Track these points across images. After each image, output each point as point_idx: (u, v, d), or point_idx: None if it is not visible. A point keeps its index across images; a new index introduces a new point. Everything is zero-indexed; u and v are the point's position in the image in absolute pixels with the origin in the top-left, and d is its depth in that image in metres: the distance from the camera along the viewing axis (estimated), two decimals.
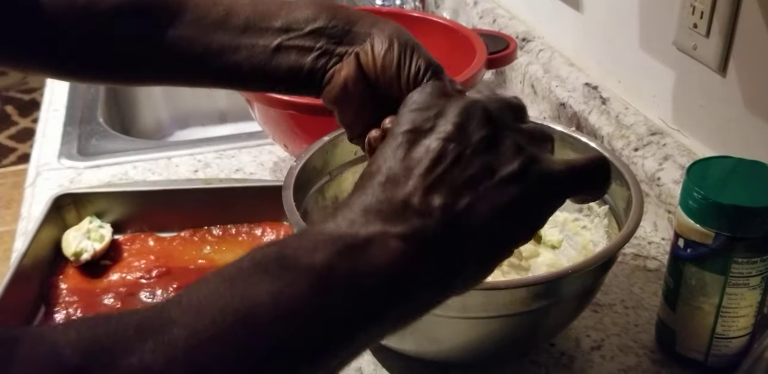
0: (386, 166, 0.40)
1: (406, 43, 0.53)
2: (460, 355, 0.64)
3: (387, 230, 0.38)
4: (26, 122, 2.85)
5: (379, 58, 0.53)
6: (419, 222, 0.38)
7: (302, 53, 0.55)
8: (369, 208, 0.39)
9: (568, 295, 0.59)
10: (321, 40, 0.55)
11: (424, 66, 0.52)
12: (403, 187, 0.39)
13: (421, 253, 0.38)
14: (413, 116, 0.42)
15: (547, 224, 0.73)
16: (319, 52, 0.55)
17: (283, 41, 0.55)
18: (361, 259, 0.37)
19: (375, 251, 0.37)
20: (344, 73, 0.54)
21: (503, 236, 0.41)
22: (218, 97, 1.27)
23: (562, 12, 1.00)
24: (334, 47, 0.55)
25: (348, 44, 0.55)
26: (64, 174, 0.93)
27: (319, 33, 0.55)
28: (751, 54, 0.69)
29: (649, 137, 0.82)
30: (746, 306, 0.60)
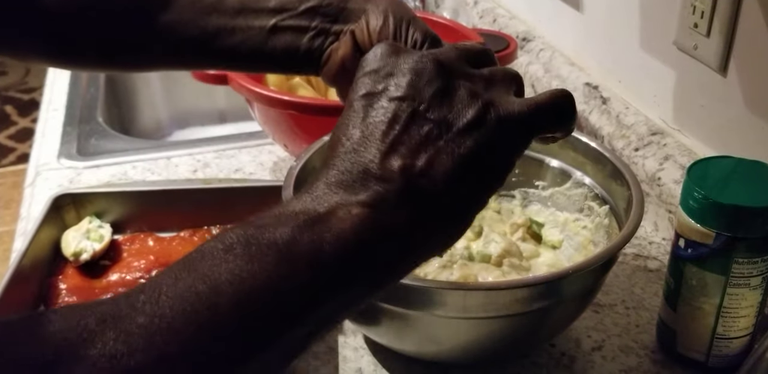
0: (345, 135, 0.40)
1: (402, 17, 0.53)
2: (460, 355, 0.63)
3: (348, 199, 0.37)
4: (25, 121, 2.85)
5: (374, 34, 0.53)
6: (381, 187, 0.38)
7: (298, 33, 0.55)
8: (330, 181, 0.38)
9: (568, 295, 0.59)
10: (316, 19, 0.55)
11: (420, 39, 0.52)
12: (362, 155, 0.39)
13: (385, 217, 0.37)
14: (366, 80, 0.41)
15: (547, 224, 0.74)
16: (315, 31, 0.55)
17: (278, 22, 0.55)
18: (324, 229, 0.36)
19: (337, 221, 0.37)
20: (341, 51, 0.54)
21: (471, 189, 0.40)
22: (218, 97, 1.26)
23: (562, 12, 1.00)
24: (329, 26, 0.55)
25: (343, 22, 0.55)
26: (64, 174, 0.93)
27: (314, 12, 0.55)
28: (751, 54, 0.69)
29: (650, 137, 0.82)
30: (747, 306, 0.60)
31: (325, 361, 0.66)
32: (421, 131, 0.39)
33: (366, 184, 0.38)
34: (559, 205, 0.74)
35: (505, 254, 0.68)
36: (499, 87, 0.42)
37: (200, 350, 0.34)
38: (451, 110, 0.39)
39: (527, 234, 0.73)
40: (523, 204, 0.76)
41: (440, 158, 0.38)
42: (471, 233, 0.72)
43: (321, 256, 0.36)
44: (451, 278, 0.65)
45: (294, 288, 0.36)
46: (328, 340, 0.68)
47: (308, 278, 0.36)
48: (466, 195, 0.40)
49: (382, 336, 0.64)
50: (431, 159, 0.38)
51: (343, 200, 0.37)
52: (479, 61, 0.43)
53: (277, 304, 0.35)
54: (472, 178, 0.39)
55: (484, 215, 0.76)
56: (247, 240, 0.36)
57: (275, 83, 0.91)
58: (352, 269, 0.37)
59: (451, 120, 0.39)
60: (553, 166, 0.73)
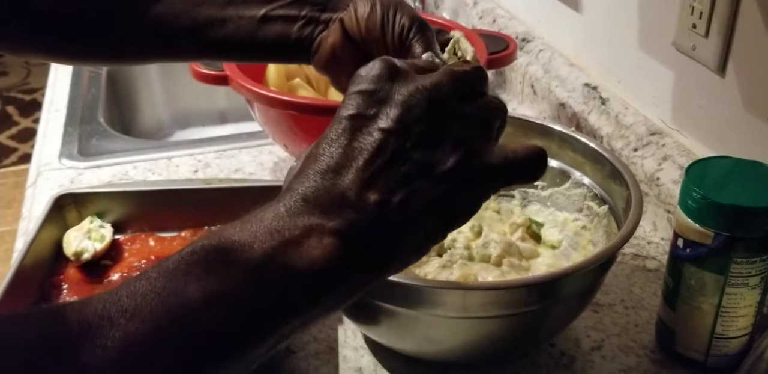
0: (329, 152, 0.40)
1: (389, 3, 0.54)
2: (460, 355, 0.64)
3: (323, 223, 0.38)
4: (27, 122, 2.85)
5: (362, 21, 0.54)
6: (354, 217, 0.39)
7: (288, 22, 0.56)
8: (308, 196, 0.39)
9: (567, 295, 0.59)
10: (305, 8, 0.56)
11: (408, 24, 0.53)
12: (342, 178, 0.39)
13: (354, 249, 0.39)
14: (358, 100, 0.41)
15: (547, 224, 0.74)
16: (305, 20, 0.56)
17: (268, 11, 0.56)
18: (295, 254, 0.38)
19: (308, 247, 0.38)
20: (331, 40, 0.55)
21: (435, 229, 0.41)
22: (218, 97, 1.27)
23: (561, 12, 1.00)
24: (318, 15, 0.56)
25: (332, 11, 0.56)
26: (65, 174, 0.93)
27: (303, 1, 0.56)
28: (750, 54, 0.70)
29: (649, 137, 0.82)
30: (745, 305, 0.60)
31: (325, 361, 0.66)
32: (402, 168, 0.40)
33: (341, 210, 0.39)
34: (558, 205, 0.74)
35: (504, 254, 0.68)
36: (483, 128, 0.42)
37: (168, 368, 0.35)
38: (434, 153, 0.40)
39: (527, 234, 0.73)
40: (522, 204, 0.77)
41: (415, 197, 0.40)
42: (471, 233, 0.72)
43: (290, 282, 0.38)
44: (451, 278, 0.65)
45: (262, 311, 0.37)
46: (329, 340, 0.68)
47: (276, 302, 0.38)
48: (432, 232, 0.41)
49: (382, 335, 0.64)
50: (407, 197, 0.39)
51: (317, 225, 0.38)
52: (471, 88, 0.43)
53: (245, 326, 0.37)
54: (440, 218, 0.41)
55: (483, 215, 0.76)
56: (222, 256, 0.37)
57: (275, 84, 0.91)
58: (318, 294, 0.39)
59: (432, 163, 0.40)
60: (552, 166, 0.73)
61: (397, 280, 0.56)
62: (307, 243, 0.38)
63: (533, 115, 1.00)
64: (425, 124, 0.40)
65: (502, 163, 0.42)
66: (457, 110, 0.42)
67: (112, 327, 0.34)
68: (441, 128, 0.41)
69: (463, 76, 0.42)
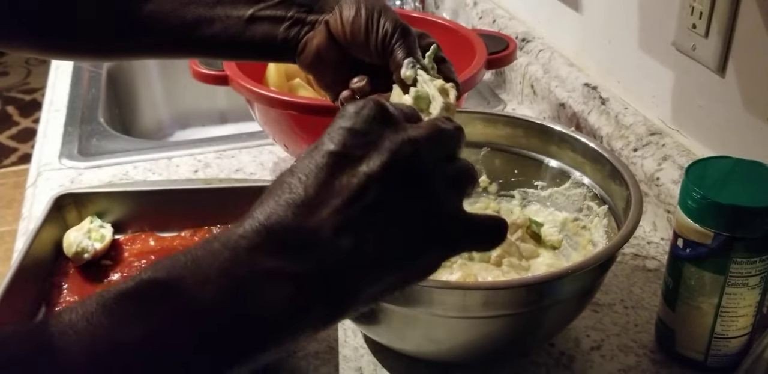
0: (305, 184, 0.38)
1: (373, 7, 0.55)
2: (460, 355, 0.64)
3: (285, 267, 0.37)
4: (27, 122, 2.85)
5: (347, 24, 0.55)
6: (321, 261, 0.37)
7: (275, 23, 0.57)
8: (274, 231, 0.37)
9: (567, 295, 0.59)
10: (291, 9, 0.57)
11: (391, 29, 0.54)
12: (315, 216, 0.38)
13: (315, 296, 0.38)
14: (345, 138, 0.39)
15: (547, 224, 0.74)
16: (291, 21, 0.57)
17: (256, 12, 0.57)
18: (251, 301, 0.36)
19: (267, 294, 0.36)
20: (316, 41, 0.56)
21: (393, 284, 0.40)
22: (218, 97, 1.27)
23: (561, 13, 1.00)
24: (304, 16, 0.57)
25: (318, 13, 0.57)
26: (65, 174, 0.93)
27: (289, 2, 0.57)
28: (749, 54, 0.70)
29: (649, 137, 0.82)
30: (745, 305, 0.60)
31: (325, 361, 0.66)
32: (378, 219, 0.39)
33: (308, 250, 0.37)
34: (558, 205, 0.74)
35: (504, 254, 0.69)
36: (458, 190, 0.42)
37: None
38: (412, 208, 0.39)
39: (527, 234, 0.73)
40: (522, 204, 0.77)
41: (386, 251, 0.39)
42: None
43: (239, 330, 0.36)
44: (451, 278, 0.65)
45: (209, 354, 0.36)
46: (329, 340, 0.68)
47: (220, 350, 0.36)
48: (389, 287, 0.40)
49: (382, 335, 0.64)
50: (378, 250, 0.39)
51: (278, 268, 0.37)
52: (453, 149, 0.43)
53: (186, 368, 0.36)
54: (401, 274, 0.40)
55: None
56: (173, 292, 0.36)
57: (275, 84, 0.91)
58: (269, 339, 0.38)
59: (407, 219, 0.39)
60: (552, 166, 0.74)
61: None
62: (264, 290, 0.36)
63: (533, 115, 1.00)
64: (409, 176, 0.40)
65: (469, 230, 0.42)
66: (440, 169, 0.41)
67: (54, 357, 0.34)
68: (422, 183, 0.40)
69: (449, 134, 0.42)
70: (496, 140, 0.76)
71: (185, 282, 0.36)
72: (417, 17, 0.99)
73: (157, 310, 0.35)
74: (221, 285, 0.36)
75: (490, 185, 0.78)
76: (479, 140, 0.76)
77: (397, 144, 0.39)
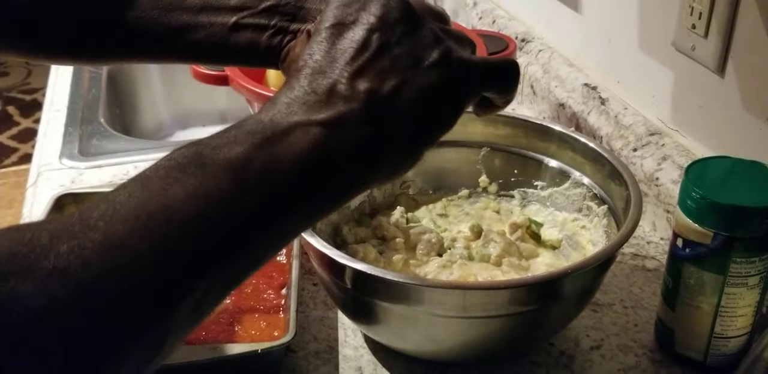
0: (312, 59, 0.41)
1: None
2: (460, 354, 0.64)
3: (309, 118, 0.38)
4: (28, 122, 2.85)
5: None
6: (344, 107, 0.39)
7: (258, 31, 0.57)
8: (293, 100, 0.39)
9: (567, 295, 0.59)
10: (275, 17, 0.57)
11: None
12: (328, 76, 0.40)
13: (343, 137, 0.39)
14: (336, 12, 0.42)
15: (547, 224, 0.74)
16: (274, 29, 0.57)
17: (239, 19, 0.57)
18: (279, 148, 0.37)
19: (294, 140, 0.38)
20: (298, 49, 0.56)
21: (427, 121, 0.42)
22: (219, 97, 1.27)
23: (561, 13, 1.00)
24: (287, 24, 0.57)
25: (301, 21, 0.57)
26: (66, 174, 0.93)
27: (273, 11, 0.57)
28: (749, 54, 0.70)
29: (648, 138, 0.82)
30: (745, 305, 0.60)
31: (325, 360, 0.66)
32: (389, 60, 0.41)
33: (330, 103, 0.39)
34: (557, 205, 0.74)
35: (504, 253, 0.69)
36: (458, 41, 0.45)
37: (153, 265, 0.34)
38: (419, 48, 0.42)
39: (526, 234, 0.73)
40: (522, 204, 0.77)
41: (406, 86, 0.40)
42: (471, 233, 0.73)
43: (275, 176, 0.37)
44: (451, 278, 0.66)
45: (248, 207, 0.37)
46: (329, 340, 0.68)
47: (262, 198, 0.37)
48: (422, 127, 0.42)
49: (381, 335, 0.65)
50: (397, 86, 0.40)
51: (303, 120, 0.38)
52: (438, 18, 0.46)
53: (230, 222, 0.36)
54: (430, 110, 0.42)
55: (483, 215, 0.76)
56: (201, 160, 0.37)
57: (275, 84, 0.91)
58: (305, 189, 0.38)
59: (418, 55, 0.41)
60: (551, 166, 0.74)
61: (397, 280, 0.56)
62: (291, 137, 0.38)
63: (533, 115, 1.01)
64: (405, 23, 0.42)
65: (480, 62, 0.44)
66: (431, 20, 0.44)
67: (90, 230, 0.33)
68: (420, 27, 0.43)
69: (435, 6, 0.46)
70: (496, 140, 0.76)
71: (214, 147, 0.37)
72: None
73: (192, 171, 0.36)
74: (248, 141, 0.37)
75: (490, 185, 0.78)
76: (479, 140, 0.76)
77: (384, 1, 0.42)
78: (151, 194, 0.35)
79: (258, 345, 0.60)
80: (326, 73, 0.40)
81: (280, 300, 0.69)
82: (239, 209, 0.36)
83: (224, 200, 0.36)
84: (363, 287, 0.59)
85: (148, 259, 0.34)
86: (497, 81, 0.46)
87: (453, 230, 0.74)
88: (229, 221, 0.36)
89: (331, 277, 0.61)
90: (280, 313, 0.68)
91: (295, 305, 0.64)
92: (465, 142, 0.76)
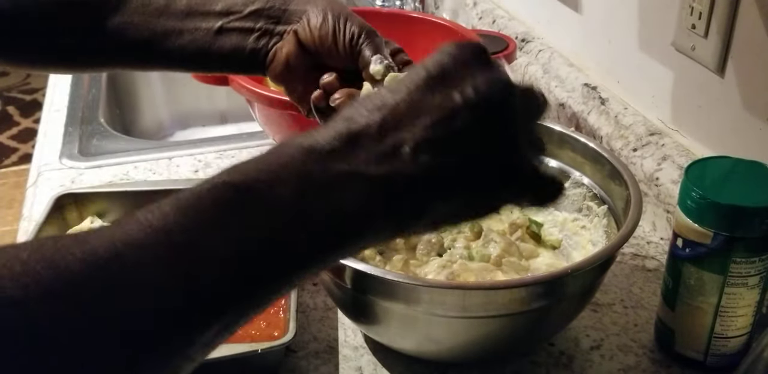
0: (396, 98, 0.38)
1: (339, 13, 0.57)
2: (460, 354, 0.64)
3: (363, 170, 0.37)
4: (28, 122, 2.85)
5: (315, 31, 0.57)
6: (399, 170, 0.37)
7: (243, 35, 0.58)
8: (355, 137, 0.37)
9: (567, 295, 0.59)
10: (260, 21, 0.58)
11: (357, 31, 0.56)
12: (400, 131, 0.38)
13: (387, 200, 0.38)
14: (446, 60, 0.39)
15: (547, 224, 0.74)
16: (260, 32, 0.58)
17: (224, 24, 0.58)
18: (326, 200, 0.36)
19: (343, 192, 0.36)
20: (285, 50, 0.58)
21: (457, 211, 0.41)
22: (219, 97, 1.27)
23: (561, 13, 1.00)
24: (273, 27, 0.58)
25: (286, 23, 0.58)
26: (66, 174, 0.93)
27: (258, 14, 0.58)
28: (749, 54, 0.70)
29: (648, 138, 0.82)
30: (745, 305, 0.60)
31: (325, 360, 0.66)
32: (463, 144, 0.39)
33: (388, 160, 0.37)
34: (557, 205, 0.74)
35: (504, 254, 0.69)
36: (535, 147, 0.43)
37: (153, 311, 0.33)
38: (493, 149, 0.40)
39: (526, 234, 0.73)
40: None
41: (463, 171, 0.39)
42: (471, 233, 0.72)
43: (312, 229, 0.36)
44: (451, 278, 0.65)
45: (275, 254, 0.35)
46: (329, 340, 0.68)
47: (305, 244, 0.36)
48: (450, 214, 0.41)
49: (382, 335, 0.65)
50: (455, 174, 0.39)
51: (355, 172, 0.37)
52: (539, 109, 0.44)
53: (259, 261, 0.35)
54: (469, 201, 0.41)
55: None
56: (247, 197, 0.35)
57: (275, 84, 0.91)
58: (346, 238, 0.38)
59: (487, 155, 0.40)
60: (552, 166, 0.74)
61: (397, 280, 0.56)
62: (341, 188, 0.36)
63: None
64: (500, 114, 0.40)
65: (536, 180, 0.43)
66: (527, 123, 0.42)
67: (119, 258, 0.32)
68: (509, 125, 0.40)
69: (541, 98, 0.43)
70: None
71: (261, 185, 0.36)
72: (417, 17, 0.99)
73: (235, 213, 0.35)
74: (297, 186, 0.36)
75: None
76: None
77: (495, 81, 0.40)
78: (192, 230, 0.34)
79: (258, 345, 0.60)
80: (399, 127, 0.38)
81: (279, 300, 0.69)
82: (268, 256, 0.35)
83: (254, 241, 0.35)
84: (363, 287, 0.59)
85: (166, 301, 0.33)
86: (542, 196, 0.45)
87: (453, 230, 0.74)
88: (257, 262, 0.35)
89: (331, 277, 0.61)
90: (280, 313, 0.68)
91: (295, 305, 0.64)
92: None
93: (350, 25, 0.57)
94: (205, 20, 0.58)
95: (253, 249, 0.35)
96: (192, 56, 0.59)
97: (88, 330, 0.31)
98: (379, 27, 1.04)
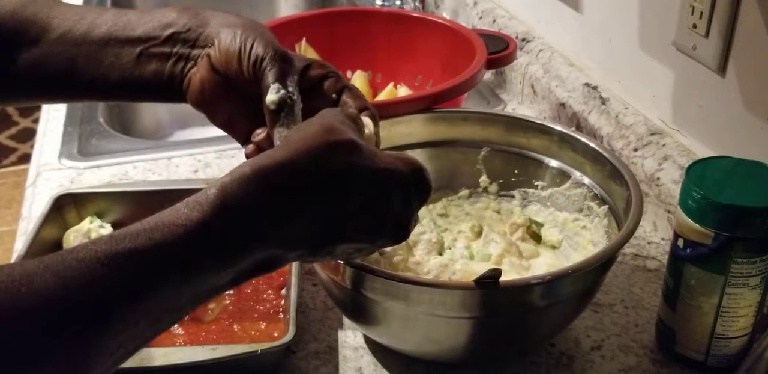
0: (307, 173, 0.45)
1: (248, 35, 0.53)
2: (460, 355, 0.64)
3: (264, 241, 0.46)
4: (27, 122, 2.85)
5: (224, 53, 0.54)
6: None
7: (162, 60, 0.56)
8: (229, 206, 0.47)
9: (568, 295, 0.59)
10: (177, 45, 0.56)
11: (261, 54, 0.52)
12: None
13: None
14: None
15: (547, 224, 0.74)
16: (176, 57, 0.56)
17: (143, 50, 0.56)
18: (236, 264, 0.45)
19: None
20: (199, 75, 0.55)
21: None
22: None
23: (561, 12, 1.00)
24: (188, 51, 0.55)
25: (201, 47, 0.55)
26: (65, 174, 0.93)
27: (175, 39, 0.56)
28: (750, 54, 0.70)
29: (649, 137, 0.82)
30: (746, 305, 0.60)
31: (325, 361, 0.66)
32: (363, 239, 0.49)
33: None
34: (558, 205, 0.74)
35: (504, 253, 0.69)
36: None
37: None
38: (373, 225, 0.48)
39: (527, 234, 0.73)
40: (522, 204, 0.77)
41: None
42: (471, 233, 0.72)
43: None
44: (451, 278, 0.65)
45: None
46: (328, 340, 0.68)
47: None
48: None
49: (382, 335, 0.64)
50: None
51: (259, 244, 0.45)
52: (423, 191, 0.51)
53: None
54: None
55: (483, 215, 0.76)
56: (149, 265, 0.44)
57: None
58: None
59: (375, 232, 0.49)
60: (552, 166, 0.74)
61: (397, 280, 0.56)
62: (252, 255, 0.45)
63: (533, 115, 1.00)
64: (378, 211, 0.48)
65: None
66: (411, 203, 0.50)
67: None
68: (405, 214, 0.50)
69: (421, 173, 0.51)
70: (496, 140, 0.76)
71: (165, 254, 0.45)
72: (417, 17, 0.99)
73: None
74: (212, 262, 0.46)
75: (490, 185, 0.78)
76: (479, 140, 0.76)
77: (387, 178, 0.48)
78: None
79: (258, 345, 0.60)
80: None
81: (279, 301, 0.69)
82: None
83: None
84: (363, 287, 0.58)
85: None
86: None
87: (453, 230, 0.74)
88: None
89: (330, 277, 0.61)
90: (279, 313, 0.68)
91: (294, 305, 0.64)
92: (465, 142, 0.76)
93: (256, 46, 0.53)
94: (125, 47, 0.56)
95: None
96: (115, 85, 0.56)
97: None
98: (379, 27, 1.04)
